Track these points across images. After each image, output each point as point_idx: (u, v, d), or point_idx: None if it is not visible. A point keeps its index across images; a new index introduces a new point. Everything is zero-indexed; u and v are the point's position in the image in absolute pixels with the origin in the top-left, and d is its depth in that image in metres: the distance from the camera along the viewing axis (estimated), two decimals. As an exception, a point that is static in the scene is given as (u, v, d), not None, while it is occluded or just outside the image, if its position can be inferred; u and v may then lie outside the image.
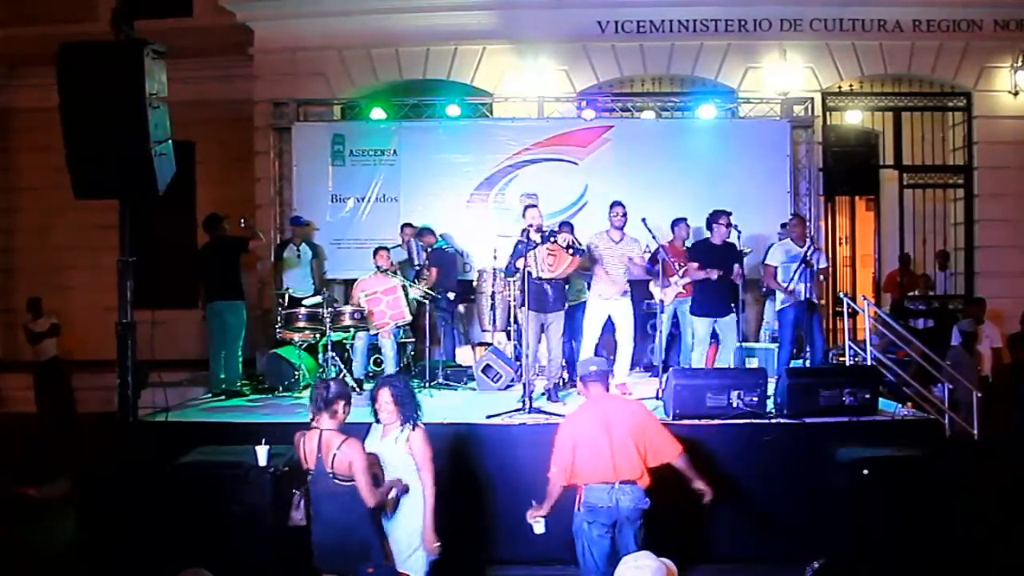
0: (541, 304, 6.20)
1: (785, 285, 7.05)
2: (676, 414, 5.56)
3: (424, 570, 4.01)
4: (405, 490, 3.97)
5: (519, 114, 9.51)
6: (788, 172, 9.01)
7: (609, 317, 6.71)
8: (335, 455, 3.80)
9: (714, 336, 7.18)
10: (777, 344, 7.52)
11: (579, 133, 9.17)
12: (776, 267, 7.18)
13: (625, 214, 6.66)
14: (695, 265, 7.07)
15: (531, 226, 6.26)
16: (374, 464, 3.94)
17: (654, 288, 7.30)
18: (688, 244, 7.72)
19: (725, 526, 5.27)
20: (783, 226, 7.77)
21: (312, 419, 3.95)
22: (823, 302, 8.42)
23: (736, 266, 7.00)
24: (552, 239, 6.22)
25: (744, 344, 7.20)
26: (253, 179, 9.85)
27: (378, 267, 7.44)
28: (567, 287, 6.82)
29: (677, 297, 7.32)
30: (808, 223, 9.15)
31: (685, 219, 7.83)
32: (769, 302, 8.23)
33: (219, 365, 7.16)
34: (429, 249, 8.21)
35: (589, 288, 6.88)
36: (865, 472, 4.90)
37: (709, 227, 7.20)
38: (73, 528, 5.14)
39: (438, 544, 3.97)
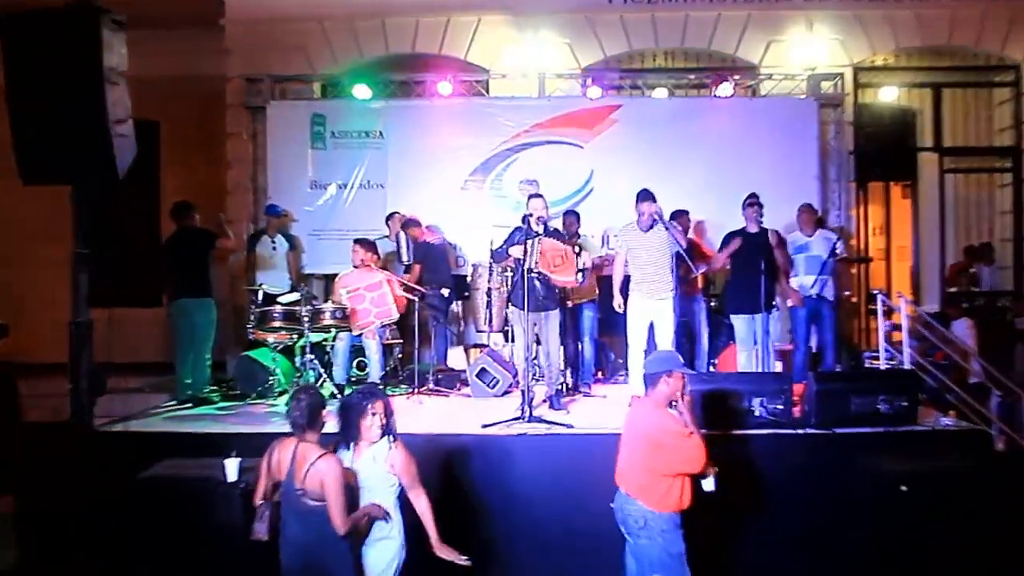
0: (530, 302, 6.15)
1: (796, 280, 7.13)
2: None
3: None
4: (385, 517, 3.89)
5: (518, 92, 9.50)
6: (815, 156, 8.97)
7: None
8: (308, 470, 3.73)
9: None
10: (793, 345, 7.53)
11: (584, 113, 9.15)
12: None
13: (654, 205, 6.41)
14: (722, 256, 7.07)
15: (531, 215, 6.29)
16: (351, 483, 3.87)
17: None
18: (690, 237, 7.70)
19: (750, 543, 5.27)
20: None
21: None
22: (854, 299, 8.35)
23: (777, 252, 6.98)
24: (567, 239, 6.19)
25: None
26: (224, 163, 9.80)
27: (355, 264, 7.41)
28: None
29: (685, 294, 7.31)
30: (838, 211, 9.18)
31: (686, 211, 7.75)
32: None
33: (185, 369, 7.13)
34: (416, 242, 8.15)
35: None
36: (903, 488, 4.91)
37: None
38: (11, 549, 5.10)
39: (465, 559, 3.90)
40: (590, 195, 9.08)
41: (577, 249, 6.22)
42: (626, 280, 6.56)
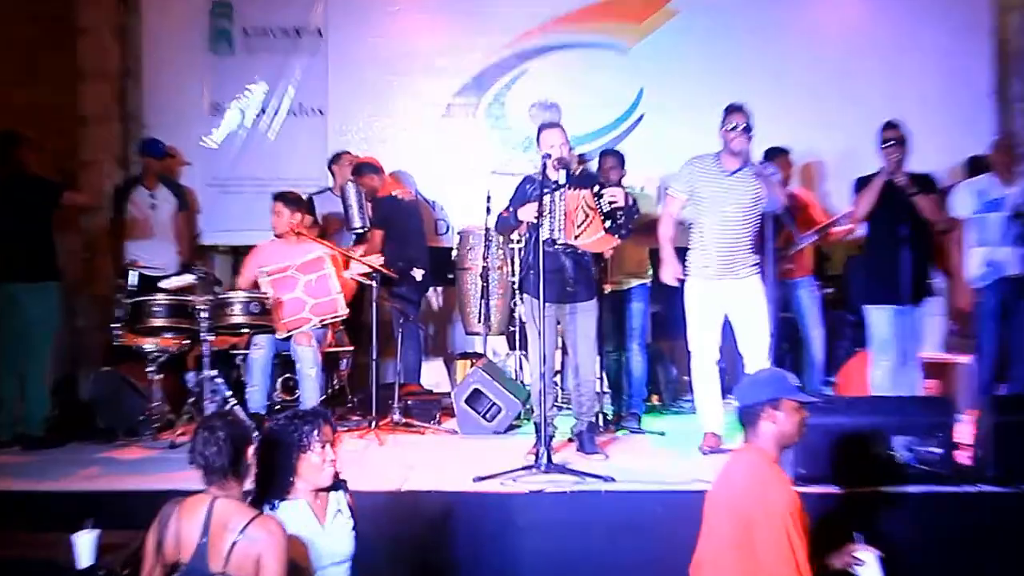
0: (551, 288, 6.08)
1: (984, 252, 7.04)
2: (801, 475, 5.44)
3: None
4: None
5: (527, -30, 9.58)
6: (988, 61, 9.04)
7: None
8: (234, 544, 3.58)
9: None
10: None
11: (627, 1, 9.25)
12: (965, 221, 7.19)
13: (749, 128, 6.35)
14: (859, 210, 7.01)
15: (549, 157, 6.23)
16: (302, 564, 3.79)
17: None
18: (792, 190, 7.83)
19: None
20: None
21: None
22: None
23: (924, 202, 6.85)
24: (589, 187, 6.14)
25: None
26: (74, 75, 9.65)
27: (279, 232, 7.47)
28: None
29: (786, 277, 7.54)
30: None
31: (787, 150, 7.87)
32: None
33: (13, 392, 7.12)
34: (375, 198, 8.19)
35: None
36: None
37: None
38: None
39: None
40: (638, 126, 9.20)
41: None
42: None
